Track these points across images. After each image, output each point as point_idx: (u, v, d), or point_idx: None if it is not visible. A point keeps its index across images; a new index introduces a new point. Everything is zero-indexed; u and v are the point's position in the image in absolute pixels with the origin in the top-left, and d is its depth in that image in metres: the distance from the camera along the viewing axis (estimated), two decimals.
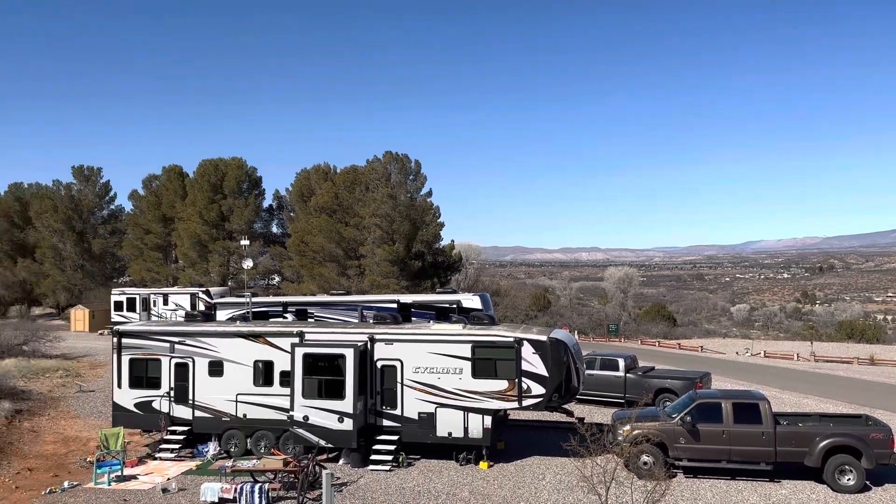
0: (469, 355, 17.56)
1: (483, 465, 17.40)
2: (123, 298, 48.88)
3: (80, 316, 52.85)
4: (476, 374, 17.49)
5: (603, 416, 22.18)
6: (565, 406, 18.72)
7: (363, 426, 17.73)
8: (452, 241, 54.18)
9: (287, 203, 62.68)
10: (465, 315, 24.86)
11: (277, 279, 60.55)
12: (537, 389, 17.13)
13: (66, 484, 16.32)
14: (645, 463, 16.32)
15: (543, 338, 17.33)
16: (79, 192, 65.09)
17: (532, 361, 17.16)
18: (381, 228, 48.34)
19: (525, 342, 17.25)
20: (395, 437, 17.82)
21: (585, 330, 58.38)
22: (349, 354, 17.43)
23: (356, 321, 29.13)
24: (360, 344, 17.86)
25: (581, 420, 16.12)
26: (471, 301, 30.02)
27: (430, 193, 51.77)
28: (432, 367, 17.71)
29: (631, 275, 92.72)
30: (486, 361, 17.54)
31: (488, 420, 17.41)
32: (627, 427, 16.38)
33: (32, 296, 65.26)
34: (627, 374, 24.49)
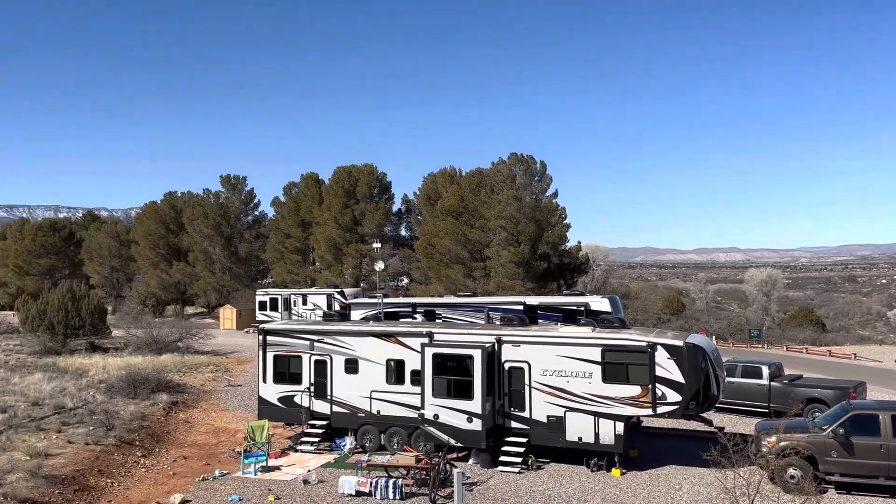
0: (599, 359, 17.18)
1: (615, 472, 16.96)
2: (267, 298, 52.01)
3: (228, 315, 56.69)
4: (607, 378, 17.09)
5: (745, 426, 21.02)
6: (703, 415, 17.89)
7: (492, 427, 17.80)
8: (579, 242, 53.34)
9: (415, 206, 64.18)
10: (594, 318, 24.37)
11: (406, 281, 62.11)
12: (673, 396, 16.48)
13: (216, 472, 17.54)
14: (792, 477, 15.28)
15: (679, 342, 16.66)
16: (226, 199, 69.84)
17: (667, 367, 16.52)
18: (507, 230, 48.36)
19: (659, 347, 16.65)
20: (523, 440, 17.75)
21: (724, 335, 55.49)
22: (477, 355, 17.56)
23: (482, 322, 29.35)
24: (487, 345, 17.95)
25: (721, 429, 15.37)
26: (599, 303, 29.42)
27: (555, 194, 51.26)
28: (561, 371, 17.49)
29: (774, 276, 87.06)
30: (617, 366, 17.09)
31: (620, 426, 16.95)
32: (773, 438, 15.42)
33: (186, 296, 70.70)
34: (772, 383, 23.03)
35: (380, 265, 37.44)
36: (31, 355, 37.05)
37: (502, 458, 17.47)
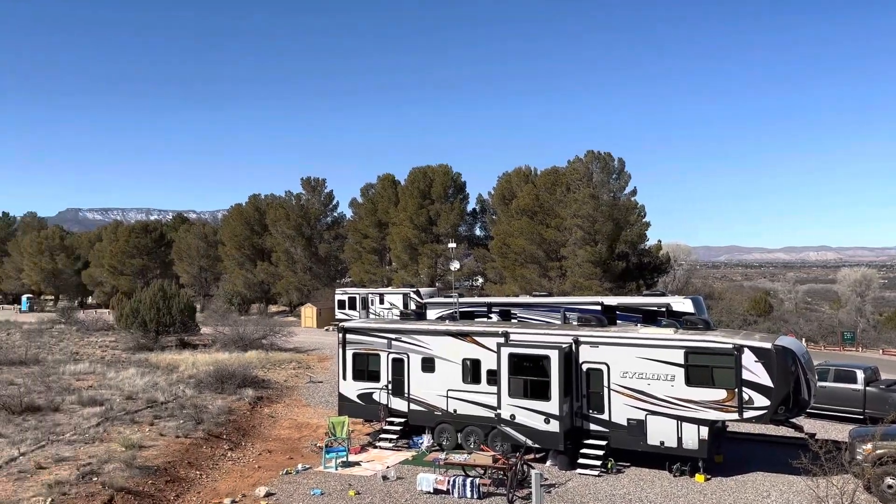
0: (682, 361, 16.70)
1: (699, 477, 16.45)
2: (345, 297, 53.12)
3: (309, 313, 58.15)
4: (690, 381, 16.60)
5: (838, 432, 20.01)
6: (793, 420, 17.14)
7: (569, 429, 17.58)
8: (659, 241, 51.96)
9: (489, 206, 64.11)
10: (676, 319, 23.71)
11: (481, 280, 62.11)
12: (760, 401, 15.84)
13: (299, 466, 18.03)
14: (890, 486, 14.43)
15: (767, 345, 16.00)
16: (307, 201, 71.67)
17: (754, 370, 15.91)
18: (583, 229, 47.66)
19: (746, 349, 16.04)
20: (602, 443, 17.46)
21: (815, 338, 52.92)
22: (554, 356, 17.38)
23: (559, 323, 29.05)
24: (564, 346, 17.74)
25: (812, 436, 14.67)
26: (682, 304, 28.64)
27: (634, 192, 50.12)
28: (641, 373, 17.10)
29: (870, 276, 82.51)
30: (701, 369, 16.57)
31: (704, 431, 16.42)
32: (869, 446, 14.62)
33: (269, 295, 72.94)
34: (867, 388, 21.85)
35: (455, 265, 37.64)
36: (125, 351, 39.09)
37: (581, 461, 17.23)
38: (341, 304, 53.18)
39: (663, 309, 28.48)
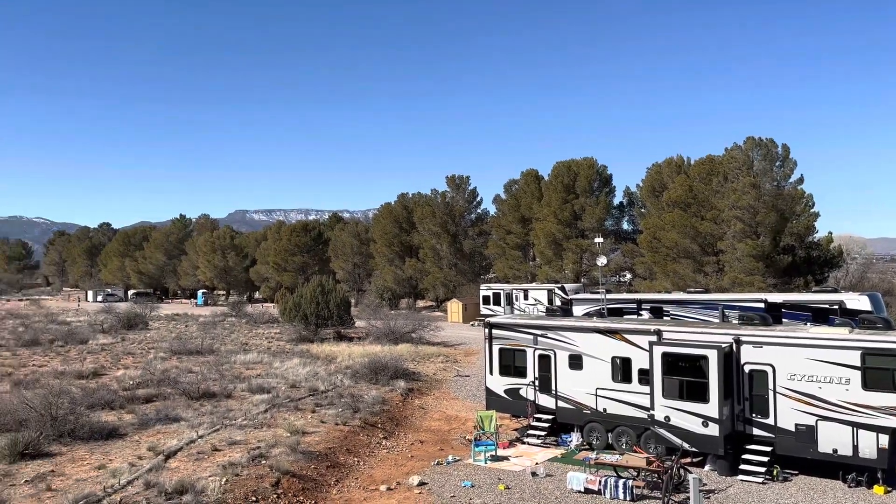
0: (858, 364, 15.28)
1: (878, 489, 14.99)
2: (490, 293, 53.54)
3: (455, 308, 59.21)
4: (867, 385, 15.15)
5: None
6: None
7: (730, 433, 16.62)
8: (830, 233, 47.75)
9: (638, 199, 61.98)
10: (851, 317, 21.79)
11: (629, 276, 60.25)
12: None
13: (449, 458, 18.39)
14: None
15: None
16: (451, 198, 72.96)
17: None
18: (743, 221, 44.81)
19: None
20: (767, 448, 16.35)
21: None
22: (712, 356, 16.50)
23: (717, 321, 27.55)
24: (724, 345, 16.79)
25: None
26: (857, 302, 26.25)
27: (801, 180, 46.40)
28: (811, 375, 15.83)
29: None
30: (881, 372, 15.08)
31: (884, 439, 14.93)
32: None
33: (417, 290, 75.05)
34: None
35: (602, 260, 36.73)
36: (288, 342, 41.75)
37: (743, 467, 16.26)
38: (486, 300, 53.66)
39: (836, 307, 26.25)
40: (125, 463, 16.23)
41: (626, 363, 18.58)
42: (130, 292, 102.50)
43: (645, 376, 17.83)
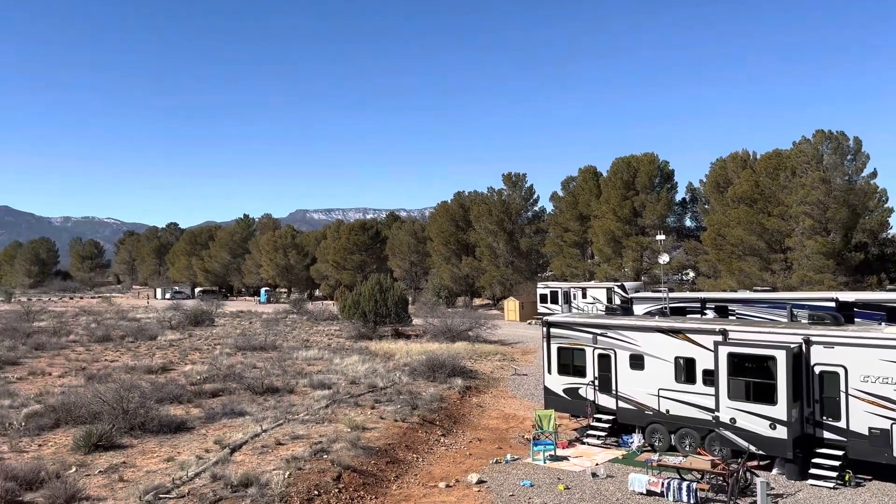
0: None
1: None
2: (547, 292, 53.13)
3: (511, 307, 58.97)
4: None
5: None
6: None
7: (799, 436, 16.07)
8: None
9: (701, 195, 60.49)
10: None
11: (692, 274, 58.89)
12: None
13: (508, 457, 18.33)
14: None
15: None
16: (508, 196, 72.66)
17: None
18: (812, 217, 43.23)
19: None
20: (838, 452, 15.74)
21: None
22: (780, 357, 15.97)
23: (785, 320, 26.67)
24: (793, 346, 16.23)
25: None
26: None
27: (874, 174, 44.50)
28: (887, 378, 15.15)
29: None
30: None
31: None
32: None
33: (474, 288, 75.05)
34: None
35: (664, 258, 36.02)
36: (348, 339, 42.35)
37: (813, 471, 15.69)
38: (543, 298, 53.27)
39: None
40: (193, 456, 16.75)
41: (689, 363, 18.16)
42: (197, 290, 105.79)
43: (710, 377, 17.40)
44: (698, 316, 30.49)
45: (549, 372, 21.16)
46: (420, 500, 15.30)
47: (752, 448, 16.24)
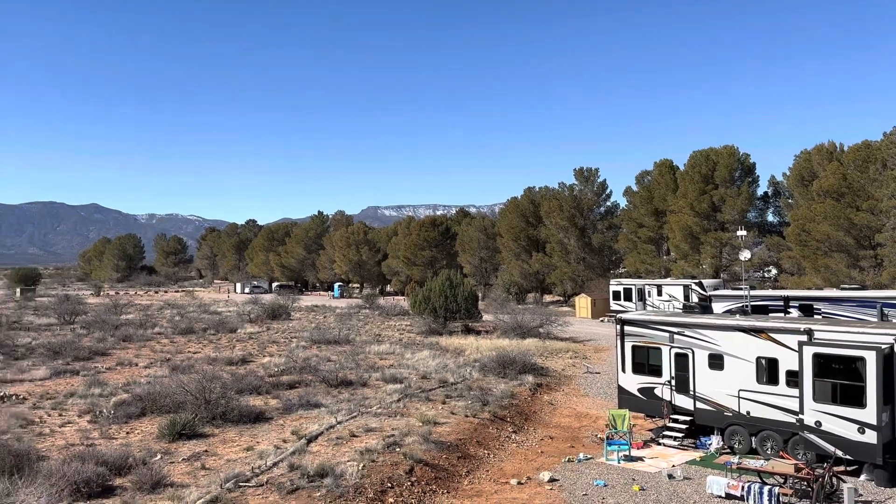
0: None
1: None
2: (620, 288, 52.17)
3: (583, 303, 58.20)
4: None
5: None
6: None
7: (890, 440, 15.23)
8: None
9: (784, 189, 58.14)
10: None
11: (774, 271, 56.69)
12: None
13: (581, 455, 18.10)
14: None
15: None
16: (580, 191, 71.72)
17: None
18: None
19: None
20: None
21: None
22: (870, 358, 15.16)
23: (875, 320, 25.32)
24: (884, 346, 15.37)
25: None
26: None
27: None
28: None
29: None
30: None
31: None
32: None
33: (544, 285, 74.46)
34: None
35: (745, 254, 34.77)
36: (418, 334, 42.75)
37: None
38: (616, 295, 52.33)
39: None
40: (271, 445, 17.25)
41: (772, 364, 17.48)
42: (274, 284, 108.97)
43: (793, 378, 16.70)
44: (781, 315, 29.33)
45: (623, 371, 20.76)
46: (491, 496, 15.28)
47: (839, 452, 15.50)
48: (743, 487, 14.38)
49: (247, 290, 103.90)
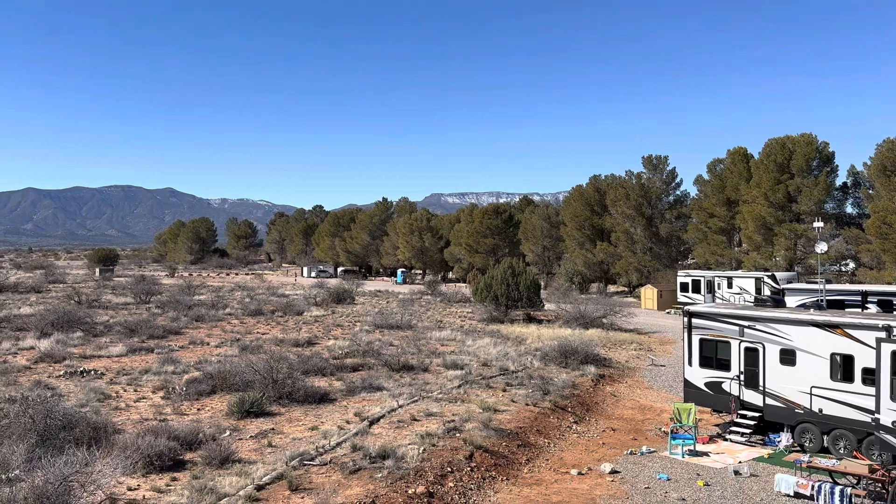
0: None
1: None
2: (689, 280, 50.90)
3: (649, 295, 57.08)
4: None
5: None
6: None
7: None
8: None
9: (865, 179, 55.40)
10: None
11: (852, 265, 54.22)
12: None
13: (644, 448, 17.82)
14: None
15: None
16: (648, 180, 70.13)
17: None
18: None
19: None
20: None
21: None
22: None
23: None
24: None
25: None
26: None
27: None
28: None
29: None
30: None
31: None
32: None
33: (608, 275, 73.32)
34: None
35: (821, 247, 33.41)
36: (480, 322, 42.80)
37: None
38: (684, 287, 51.10)
39: None
40: (334, 426, 17.64)
41: (847, 361, 16.78)
42: (339, 269, 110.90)
43: (870, 376, 15.98)
44: (858, 310, 28.09)
45: (690, 364, 20.30)
46: (551, 485, 15.23)
47: None
48: (813, 487, 13.90)
49: (313, 274, 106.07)
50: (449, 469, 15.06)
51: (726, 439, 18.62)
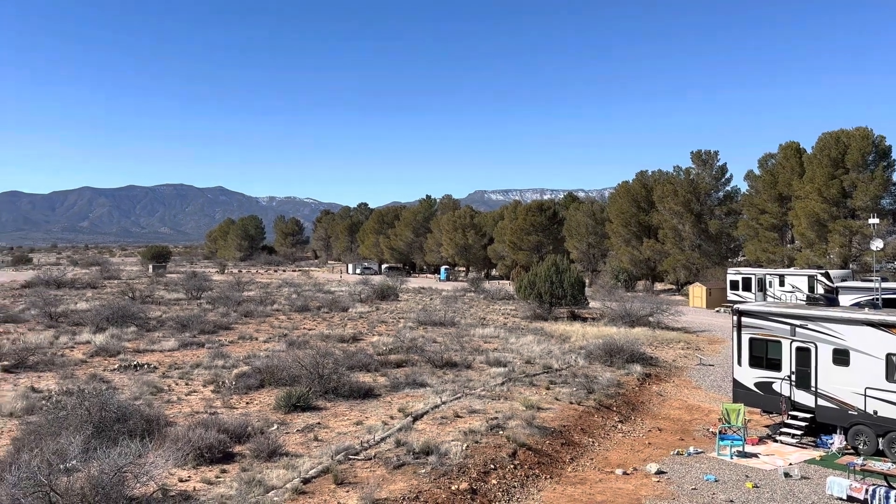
0: None
1: None
2: (739, 278, 49.79)
3: (697, 293, 56.01)
4: None
5: None
6: None
7: None
8: None
9: None
10: None
11: None
12: None
13: (691, 449, 17.54)
14: None
15: None
16: (697, 175, 68.75)
17: None
18: None
19: None
20: None
21: None
22: None
23: None
24: None
25: None
26: None
27: None
28: None
29: None
30: None
31: None
32: None
33: (655, 272, 72.18)
34: None
35: (877, 244, 32.33)
36: (523, 319, 42.64)
37: None
38: (734, 285, 50.01)
39: None
40: (379, 421, 17.83)
41: None
42: (384, 266, 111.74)
43: None
44: None
45: (740, 364, 19.89)
46: (596, 484, 15.12)
47: None
48: (867, 490, 13.50)
49: (358, 271, 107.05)
50: (492, 466, 15.08)
51: (776, 441, 18.20)
